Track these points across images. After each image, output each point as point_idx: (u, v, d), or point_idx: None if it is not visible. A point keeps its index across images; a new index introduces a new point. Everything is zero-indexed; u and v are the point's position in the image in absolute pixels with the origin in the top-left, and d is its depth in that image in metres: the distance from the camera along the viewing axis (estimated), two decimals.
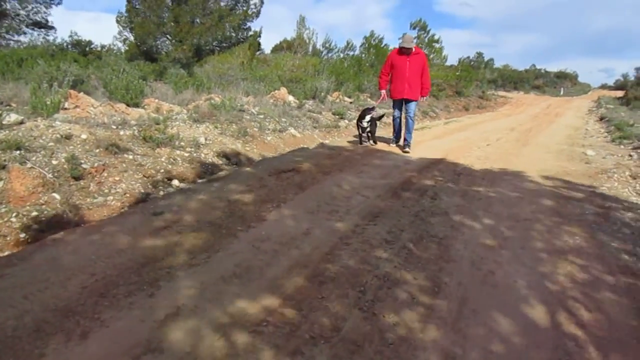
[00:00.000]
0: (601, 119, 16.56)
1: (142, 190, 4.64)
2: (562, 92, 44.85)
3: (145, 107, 8.12)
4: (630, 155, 7.86)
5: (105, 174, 4.66)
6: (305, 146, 7.56)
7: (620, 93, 36.25)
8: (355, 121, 8.41)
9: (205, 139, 6.26)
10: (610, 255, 3.44)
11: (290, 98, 11.48)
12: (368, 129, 7.67)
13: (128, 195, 4.50)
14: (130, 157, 5.04)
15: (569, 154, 7.77)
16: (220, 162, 5.95)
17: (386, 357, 2.19)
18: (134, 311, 2.45)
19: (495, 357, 2.23)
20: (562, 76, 55.03)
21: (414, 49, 7.21)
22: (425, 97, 7.62)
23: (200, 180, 5.16)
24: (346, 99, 13.63)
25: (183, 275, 2.84)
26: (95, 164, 4.65)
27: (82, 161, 4.61)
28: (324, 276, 2.91)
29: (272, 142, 7.34)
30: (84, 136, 5.01)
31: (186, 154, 5.67)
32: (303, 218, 3.86)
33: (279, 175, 5.09)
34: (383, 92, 7.85)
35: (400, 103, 7.66)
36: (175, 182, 5.00)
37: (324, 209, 4.10)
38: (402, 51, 7.23)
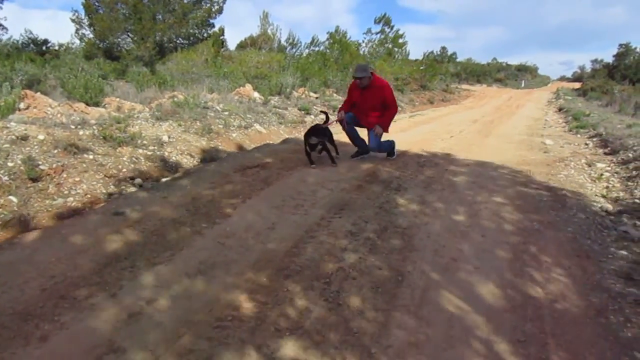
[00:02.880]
0: (560, 109, 17.13)
1: (104, 191, 4.55)
2: (523, 85, 46.09)
3: (106, 106, 7.93)
4: (586, 144, 8.16)
5: (65, 175, 4.54)
6: (271, 142, 7.53)
7: (577, 85, 37.57)
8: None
9: (169, 137, 6.17)
10: (566, 240, 3.57)
11: (256, 94, 11.41)
12: (320, 147, 5.65)
13: (89, 196, 4.40)
14: (91, 157, 4.93)
15: (528, 144, 8.00)
16: (185, 160, 5.88)
17: (351, 346, 2.22)
18: (95, 312, 2.41)
19: (456, 340, 2.29)
20: (523, 69, 56.56)
21: (368, 81, 5.70)
22: (379, 129, 5.78)
23: (164, 179, 5.08)
24: (312, 94, 13.63)
25: (146, 274, 2.80)
26: (54, 165, 4.53)
27: (40, 162, 4.48)
28: (289, 269, 2.93)
29: (238, 139, 7.29)
30: (41, 137, 4.86)
31: (149, 153, 5.58)
32: (269, 213, 3.86)
33: (244, 171, 5.06)
34: (340, 114, 6.02)
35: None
36: (138, 181, 4.92)
37: (290, 203, 4.11)
38: (357, 83, 5.84)
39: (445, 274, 2.96)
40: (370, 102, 5.80)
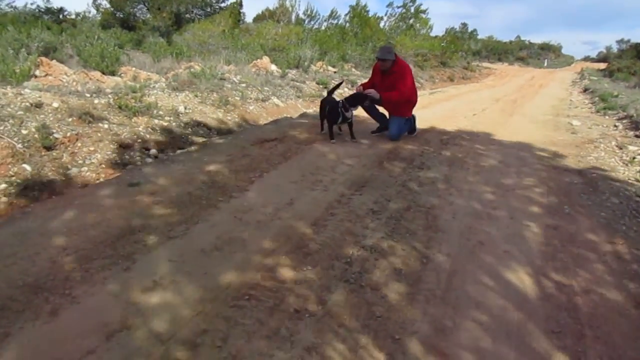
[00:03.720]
0: (585, 90, 16.59)
1: (119, 161, 4.45)
2: (545, 64, 44.95)
3: (122, 75, 7.82)
4: (616, 126, 7.84)
5: (79, 144, 4.45)
6: (288, 116, 7.37)
7: (603, 65, 36.51)
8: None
9: (185, 108, 6.04)
10: (599, 225, 3.38)
11: (273, 67, 11.20)
12: (350, 120, 5.41)
13: (103, 165, 4.31)
14: (106, 126, 4.82)
15: (555, 124, 7.71)
16: (201, 131, 5.75)
17: (374, 331, 2.09)
18: (107, 286, 2.31)
19: (486, 329, 2.16)
20: (546, 48, 55.14)
21: (391, 65, 5.38)
22: (375, 93, 5.37)
23: (179, 150, 4.97)
24: (330, 68, 13.37)
25: (160, 249, 2.69)
26: (68, 134, 4.43)
27: (54, 131, 4.38)
28: (308, 248, 2.80)
29: (255, 112, 7.14)
30: (55, 105, 4.75)
31: (165, 123, 5.46)
32: (287, 188, 3.73)
33: (262, 144, 4.93)
34: (359, 87, 5.71)
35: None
36: (154, 152, 4.81)
37: (308, 179, 3.97)
38: (379, 65, 5.54)
39: (472, 258, 2.80)
40: (389, 87, 5.44)
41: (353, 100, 5.26)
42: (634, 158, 5.44)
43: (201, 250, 2.71)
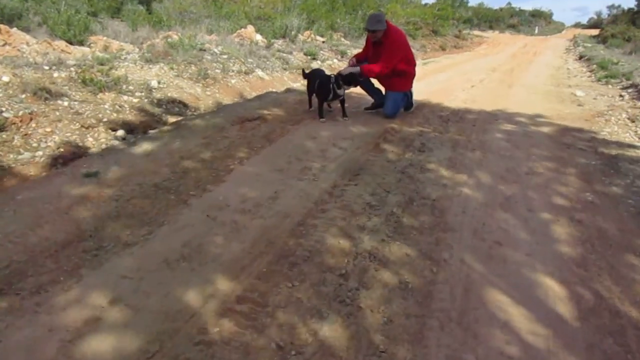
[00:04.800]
0: (580, 57, 16.12)
1: (80, 144, 3.91)
2: (537, 31, 44.19)
3: (92, 45, 7.15)
4: (622, 96, 7.39)
5: (34, 125, 3.89)
6: (274, 90, 6.80)
7: (594, 31, 35.88)
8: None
9: (159, 82, 5.45)
10: (629, 215, 2.94)
11: (258, 37, 10.50)
12: (342, 97, 4.87)
13: (62, 150, 3.75)
14: (66, 103, 4.25)
15: (558, 95, 7.23)
16: (176, 109, 5.19)
17: None
18: (40, 316, 1.83)
19: None
20: (537, 15, 54.29)
21: (382, 35, 4.74)
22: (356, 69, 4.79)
23: (151, 131, 4.42)
24: (318, 38, 12.66)
25: (114, 260, 2.21)
26: (20, 113, 3.87)
27: (3, 109, 3.81)
28: (295, 256, 2.33)
29: (237, 86, 6.55)
30: (5, 78, 4.17)
31: (135, 100, 4.88)
32: (270, 178, 3.23)
33: (243, 124, 4.39)
34: (351, 60, 5.18)
35: None
36: (121, 133, 4.26)
37: (295, 166, 3.47)
38: (370, 36, 4.94)
39: (490, 264, 2.35)
40: (380, 59, 4.82)
41: (349, 78, 4.71)
42: None
43: (164, 261, 2.22)
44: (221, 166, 3.36)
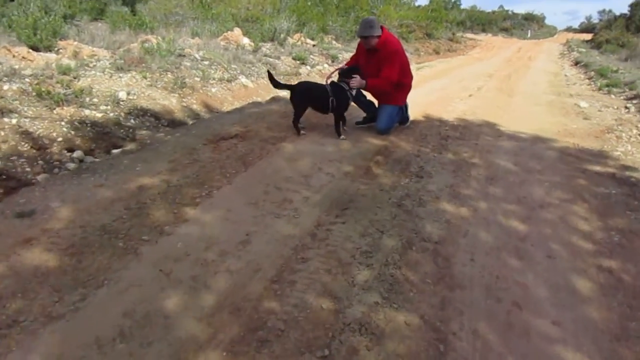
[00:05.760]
0: (576, 63, 15.80)
1: (28, 169, 3.39)
2: (529, 35, 44.06)
3: (61, 51, 6.61)
4: (627, 108, 6.97)
5: None
6: (258, 99, 6.30)
7: (586, 36, 35.80)
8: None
9: (128, 94, 4.93)
10: None
11: (245, 40, 10.00)
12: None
13: (4, 177, 3.24)
14: (14, 121, 3.72)
15: (561, 107, 6.79)
16: (147, 122, 4.67)
17: None
18: None
19: None
20: (529, 18, 54.20)
21: (377, 42, 4.28)
22: (357, 82, 4.24)
23: (114, 151, 3.91)
24: (309, 41, 12.17)
25: (28, 343, 1.70)
26: None
27: None
28: (266, 328, 1.84)
29: (218, 95, 6.04)
30: None
31: (99, 115, 4.36)
32: (243, 214, 2.73)
33: (218, 143, 3.88)
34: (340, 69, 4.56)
35: None
36: (78, 154, 3.74)
37: (274, 197, 2.97)
38: (363, 43, 4.47)
39: (510, 338, 1.87)
40: (374, 70, 4.37)
41: (349, 73, 4.30)
42: None
43: (95, 341, 1.72)
44: (186, 199, 2.85)
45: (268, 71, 4.91)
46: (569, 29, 66.61)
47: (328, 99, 4.19)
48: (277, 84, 4.32)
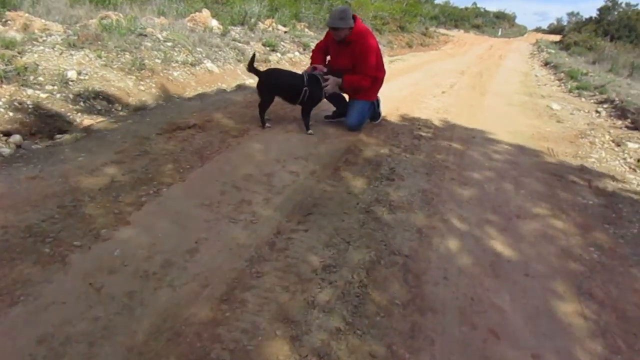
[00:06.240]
0: (546, 64, 16.00)
1: None
2: (500, 33, 44.55)
3: (9, 22, 6.07)
4: (598, 112, 6.96)
5: None
6: (223, 86, 5.95)
7: (555, 37, 36.53)
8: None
9: (79, 73, 4.51)
10: None
11: (214, 23, 9.55)
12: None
13: None
14: None
15: (533, 108, 6.70)
16: (99, 106, 4.28)
17: None
18: None
19: None
20: (501, 17, 54.92)
21: (349, 34, 4.00)
22: (333, 81, 4.04)
23: (59, 136, 3.54)
24: (280, 27, 11.78)
25: None
26: None
27: None
28: None
29: (180, 79, 5.66)
30: None
31: (43, 95, 3.95)
32: (194, 218, 2.43)
33: (173, 133, 3.55)
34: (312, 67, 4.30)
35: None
36: (16, 139, 3.36)
37: (230, 199, 2.68)
38: (333, 34, 4.14)
39: None
40: (347, 63, 4.12)
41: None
42: (639, 160, 4.49)
43: None
44: (130, 197, 2.53)
45: (254, 53, 4.51)
46: (538, 30, 68.03)
47: (302, 88, 3.90)
48: (251, 68, 3.99)
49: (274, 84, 3.98)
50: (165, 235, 2.24)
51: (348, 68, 4.07)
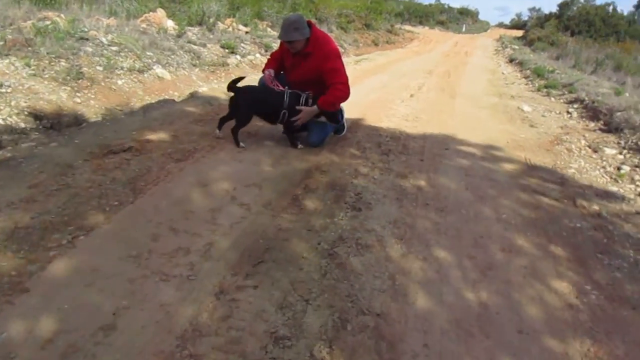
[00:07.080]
0: (511, 60, 16.03)
1: None
2: (464, 29, 45.01)
3: None
4: (569, 113, 6.78)
5: None
6: (175, 95, 5.45)
7: (517, 32, 37.10)
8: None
9: (1, 86, 3.95)
10: None
11: (170, 23, 8.96)
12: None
13: None
14: None
15: (504, 111, 6.42)
16: (23, 125, 3.74)
17: None
18: None
19: None
20: (464, 13, 55.60)
21: (305, 45, 3.62)
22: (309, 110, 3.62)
23: None
24: (241, 27, 11.25)
25: None
26: None
27: None
28: None
29: (125, 88, 5.12)
30: None
31: None
32: (115, 277, 1.95)
33: (104, 159, 3.04)
34: (268, 71, 3.83)
35: None
36: None
37: (164, 246, 2.20)
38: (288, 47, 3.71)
39: None
40: (303, 76, 3.72)
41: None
42: (619, 169, 4.24)
43: None
44: (36, 250, 2.03)
45: (242, 77, 3.94)
46: (500, 25, 69.30)
47: (282, 106, 3.53)
48: (232, 87, 3.61)
49: (255, 102, 3.57)
50: (74, 306, 1.76)
51: (312, 80, 3.62)
